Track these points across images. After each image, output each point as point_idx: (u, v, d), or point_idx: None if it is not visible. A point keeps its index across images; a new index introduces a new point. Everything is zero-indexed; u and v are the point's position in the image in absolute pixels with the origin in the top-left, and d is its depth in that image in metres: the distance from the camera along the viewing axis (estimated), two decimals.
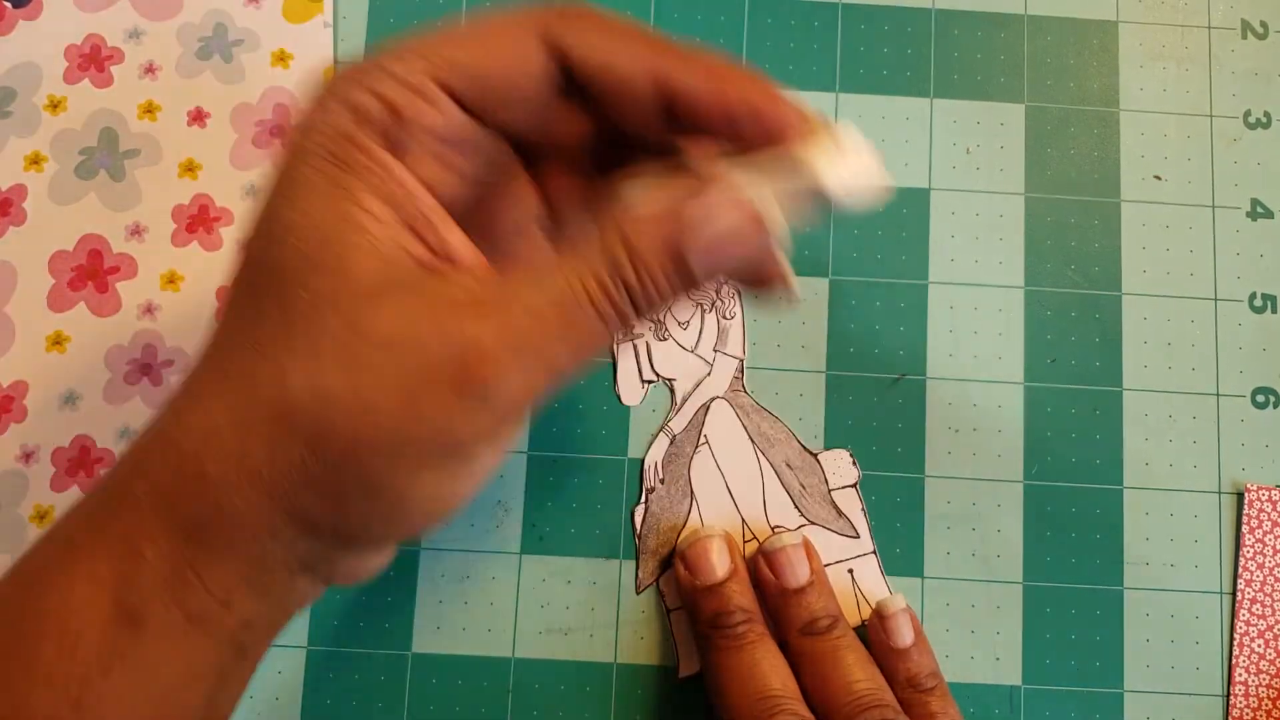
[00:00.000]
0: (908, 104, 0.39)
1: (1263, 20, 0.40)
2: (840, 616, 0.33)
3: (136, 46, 0.38)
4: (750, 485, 0.37)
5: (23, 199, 0.36)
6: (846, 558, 0.36)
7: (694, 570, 0.34)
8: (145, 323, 0.36)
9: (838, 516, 0.36)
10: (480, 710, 0.35)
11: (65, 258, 0.36)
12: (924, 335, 0.38)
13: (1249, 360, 0.38)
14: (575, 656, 0.36)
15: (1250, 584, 0.36)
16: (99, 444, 0.35)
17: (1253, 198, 0.39)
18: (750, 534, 0.36)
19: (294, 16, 0.38)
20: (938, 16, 0.40)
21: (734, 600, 0.33)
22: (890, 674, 0.33)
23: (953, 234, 0.38)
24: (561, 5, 0.24)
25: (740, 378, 0.37)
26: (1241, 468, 0.37)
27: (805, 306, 0.38)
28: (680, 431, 0.37)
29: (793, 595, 0.33)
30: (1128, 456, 0.37)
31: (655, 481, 0.37)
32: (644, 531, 0.36)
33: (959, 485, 0.37)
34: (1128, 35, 0.40)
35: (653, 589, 0.36)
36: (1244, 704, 0.36)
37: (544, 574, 0.36)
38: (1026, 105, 0.39)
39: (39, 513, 0.35)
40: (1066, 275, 0.38)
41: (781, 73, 0.39)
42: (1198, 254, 0.38)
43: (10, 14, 0.38)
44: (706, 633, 0.33)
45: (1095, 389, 0.37)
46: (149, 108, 0.37)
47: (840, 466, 0.37)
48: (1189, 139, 0.39)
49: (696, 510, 0.36)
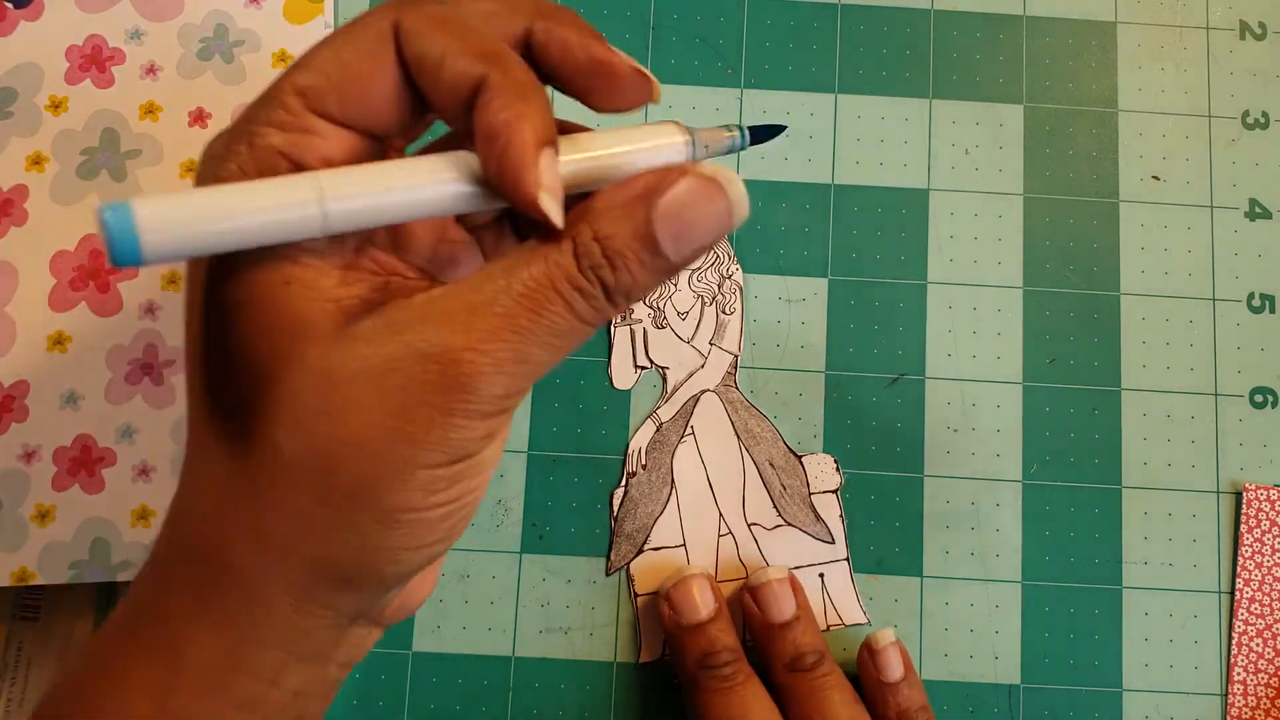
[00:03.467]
0: (907, 104, 0.39)
1: (1261, 21, 0.40)
2: (826, 653, 0.33)
3: (138, 47, 0.38)
4: (731, 480, 0.37)
5: (24, 199, 0.37)
6: (819, 562, 0.36)
7: (679, 610, 0.34)
8: (146, 323, 0.36)
9: (815, 520, 0.36)
10: (480, 709, 0.35)
11: (67, 257, 0.36)
12: (923, 335, 0.38)
13: (1247, 360, 0.38)
14: (575, 655, 0.36)
15: (1249, 583, 0.36)
16: (100, 443, 0.35)
17: (1251, 198, 0.39)
18: (726, 528, 0.36)
19: (295, 17, 0.38)
20: (937, 17, 0.40)
21: (720, 640, 0.33)
22: (880, 708, 0.33)
23: (952, 234, 0.38)
24: (404, 2, 0.23)
25: (733, 373, 0.37)
26: (1240, 467, 0.37)
27: (805, 306, 0.38)
28: (668, 420, 0.37)
29: (779, 630, 0.33)
30: (1126, 456, 0.37)
31: (637, 466, 0.37)
32: (620, 515, 0.36)
33: (958, 485, 0.37)
34: (1126, 36, 0.40)
35: (622, 573, 0.36)
36: (1243, 703, 0.36)
37: (544, 573, 0.36)
38: (1025, 106, 0.39)
39: (40, 512, 0.35)
40: (1065, 275, 0.38)
41: (781, 73, 0.39)
42: (1196, 254, 0.38)
43: (11, 14, 0.38)
44: (694, 673, 0.33)
45: (1094, 389, 0.37)
46: (150, 108, 0.37)
47: (823, 471, 0.37)
48: (1187, 139, 0.39)
49: (675, 499, 0.36)
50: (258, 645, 0.22)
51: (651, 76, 0.24)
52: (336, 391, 0.21)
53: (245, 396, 0.21)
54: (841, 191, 0.39)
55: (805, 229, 0.38)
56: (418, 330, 0.21)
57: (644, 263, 0.22)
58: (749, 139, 0.26)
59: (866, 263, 0.38)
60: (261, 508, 0.21)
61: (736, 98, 0.39)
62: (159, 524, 0.35)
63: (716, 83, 0.39)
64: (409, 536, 0.22)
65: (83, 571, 0.34)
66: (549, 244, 0.21)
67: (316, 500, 0.21)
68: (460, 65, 0.21)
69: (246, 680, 0.22)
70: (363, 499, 0.21)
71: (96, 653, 0.23)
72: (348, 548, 0.22)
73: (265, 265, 0.21)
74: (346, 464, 0.21)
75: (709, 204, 0.22)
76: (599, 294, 0.22)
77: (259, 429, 0.21)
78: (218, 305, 0.22)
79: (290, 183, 0.20)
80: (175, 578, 0.23)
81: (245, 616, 0.22)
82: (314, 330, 0.21)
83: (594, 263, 0.21)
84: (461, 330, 0.21)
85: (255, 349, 0.21)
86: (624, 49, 0.39)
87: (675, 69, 0.39)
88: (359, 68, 0.22)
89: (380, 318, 0.21)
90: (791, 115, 0.39)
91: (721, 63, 0.39)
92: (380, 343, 0.21)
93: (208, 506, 0.22)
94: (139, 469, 0.35)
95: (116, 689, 0.22)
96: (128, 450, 0.35)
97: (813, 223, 0.38)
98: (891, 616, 0.36)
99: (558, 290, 0.21)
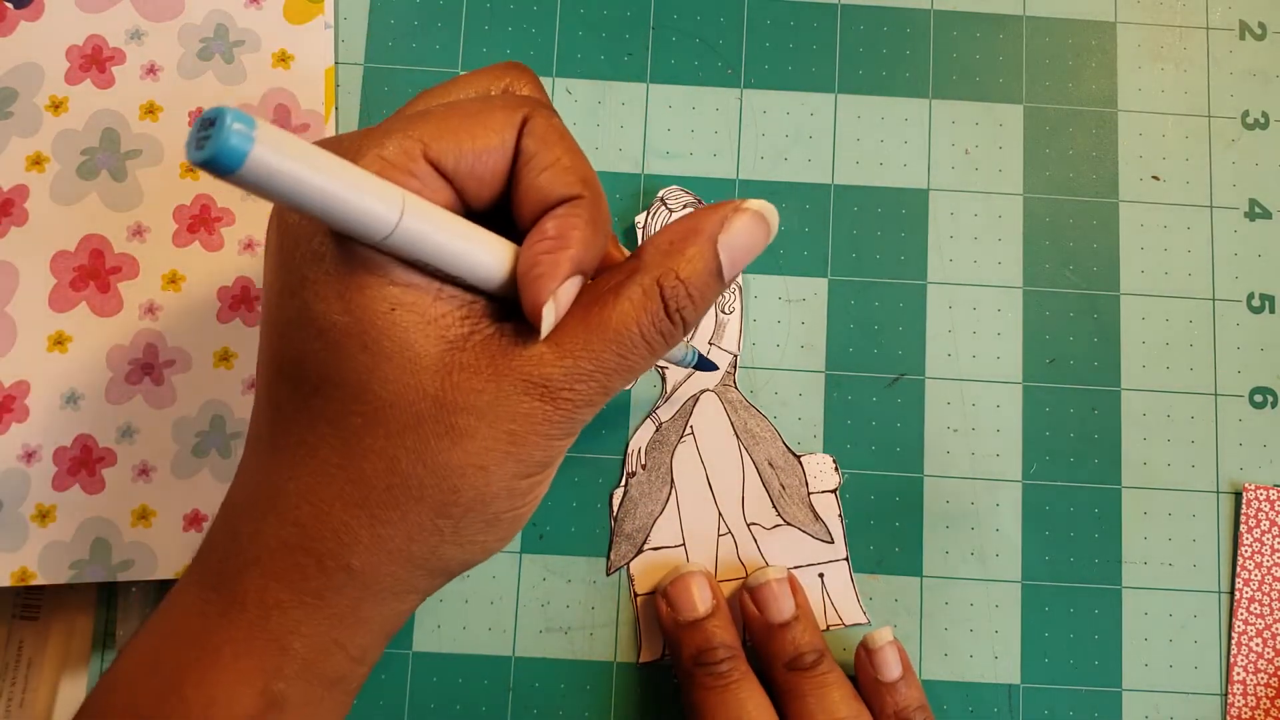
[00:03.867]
0: (906, 105, 0.39)
1: (1261, 21, 0.40)
2: (826, 652, 0.34)
3: (138, 47, 0.38)
4: (731, 480, 0.37)
5: (24, 199, 0.37)
6: (818, 561, 0.36)
7: (676, 607, 0.34)
8: (147, 323, 0.36)
9: (814, 520, 0.36)
10: (480, 708, 0.35)
11: (67, 258, 0.36)
12: (923, 335, 0.38)
13: (1247, 360, 0.38)
14: (575, 655, 0.36)
15: (1248, 583, 0.36)
16: (100, 443, 0.35)
17: (1250, 198, 0.39)
18: (725, 528, 0.36)
19: (295, 17, 0.38)
20: (936, 17, 0.40)
21: (717, 637, 0.33)
22: (879, 707, 0.33)
23: (951, 234, 0.38)
24: (537, 100, 0.26)
25: (732, 373, 0.37)
26: (1239, 467, 0.37)
27: (805, 306, 0.38)
28: (667, 420, 0.37)
29: (778, 630, 0.33)
30: (1126, 456, 0.37)
31: (636, 466, 0.37)
32: (620, 515, 0.36)
33: (957, 485, 0.37)
34: (1126, 36, 0.40)
35: (622, 573, 0.36)
36: (1242, 703, 0.36)
37: (544, 573, 0.36)
38: (1025, 106, 0.39)
39: (40, 512, 0.35)
40: (1065, 275, 0.38)
41: (781, 73, 0.39)
42: (1196, 254, 0.38)
43: (12, 15, 0.38)
44: (690, 670, 0.33)
45: (1093, 389, 0.37)
46: (150, 108, 0.37)
47: (822, 471, 0.37)
48: (1187, 139, 0.39)
49: (675, 499, 0.36)
50: (360, 629, 0.25)
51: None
52: (455, 420, 0.24)
53: (357, 424, 0.24)
54: (841, 191, 0.39)
55: (805, 229, 0.38)
56: (521, 370, 0.24)
57: (714, 293, 0.26)
58: (696, 359, 0.34)
59: (866, 263, 0.38)
60: (379, 521, 0.24)
61: (736, 98, 0.39)
62: (159, 523, 0.35)
63: (716, 83, 0.39)
64: (505, 532, 0.26)
65: (83, 571, 0.34)
66: (632, 289, 0.25)
67: (436, 513, 0.24)
68: (565, 178, 0.25)
69: (340, 660, 0.25)
70: (476, 509, 0.25)
71: (193, 636, 0.25)
72: (456, 548, 0.25)
73: (370, 288, 0.23)
74: (468, 483, 0.24)
75: (762, 234, 0.26)
76: (680, 331, 0.25)
77: (372, 448, 0.24)
78: (315, 325, 0.23)
79: (383, 184, 0.22)
80: (287, 575, 0.24)
81: (356, 609, 0.25)
82: (423, 359, 0.23)
83: (680, 305, 0.25)
84: (560, 371, 0.24)
85: (359, 372, 0.23)
86: (624, 49, 0.40)
87: (675, 69, 0.39)
88: (486, 142, 0.24)
89: (484, 353, 0.24)
90: (791, 115, 0.39)
91: (721, 63, 0.39)
92: (491, 376, 0.24)
93: (314, 510, 0.24)
94: (139, 469, 0.35)
95: (216, 676, 0.24)
96: (128, 450, 0.35)
97: (813, 223, 0.38)
98: (891, 616, 0.36)
99: (644, 336, 0.25)
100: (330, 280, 0.23)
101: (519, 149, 0.25)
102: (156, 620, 0.26)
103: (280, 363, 0.24)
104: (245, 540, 0.25)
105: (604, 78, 0.39)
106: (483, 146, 0.24)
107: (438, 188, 0.24)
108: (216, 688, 0.24)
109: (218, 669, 0.24)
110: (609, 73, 0.39)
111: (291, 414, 0.24)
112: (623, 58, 0.39)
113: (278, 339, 0.24)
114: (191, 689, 0.24)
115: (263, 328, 0.26)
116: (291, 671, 0.24)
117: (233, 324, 0.36)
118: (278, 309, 0.24)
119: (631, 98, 0.39)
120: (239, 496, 0.26)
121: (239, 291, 0.36)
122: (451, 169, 0.24)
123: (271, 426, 0.25)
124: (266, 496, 0.25)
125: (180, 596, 0.26)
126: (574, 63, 0.39)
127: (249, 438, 0.26)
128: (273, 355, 0.25)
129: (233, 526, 0.25)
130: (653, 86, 0.39)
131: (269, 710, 0.24)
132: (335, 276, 0.23)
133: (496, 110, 0.25)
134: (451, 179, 0.24)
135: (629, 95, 0.39)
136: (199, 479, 0.35)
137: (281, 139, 0.19)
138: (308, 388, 0.24)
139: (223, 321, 0.36)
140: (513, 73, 0.28)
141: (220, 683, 0.24)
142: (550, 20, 0.39)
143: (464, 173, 0.24)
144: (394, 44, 0.39)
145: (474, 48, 0.39)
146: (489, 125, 0.24)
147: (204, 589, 0.25)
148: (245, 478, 0.26)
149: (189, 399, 0.36)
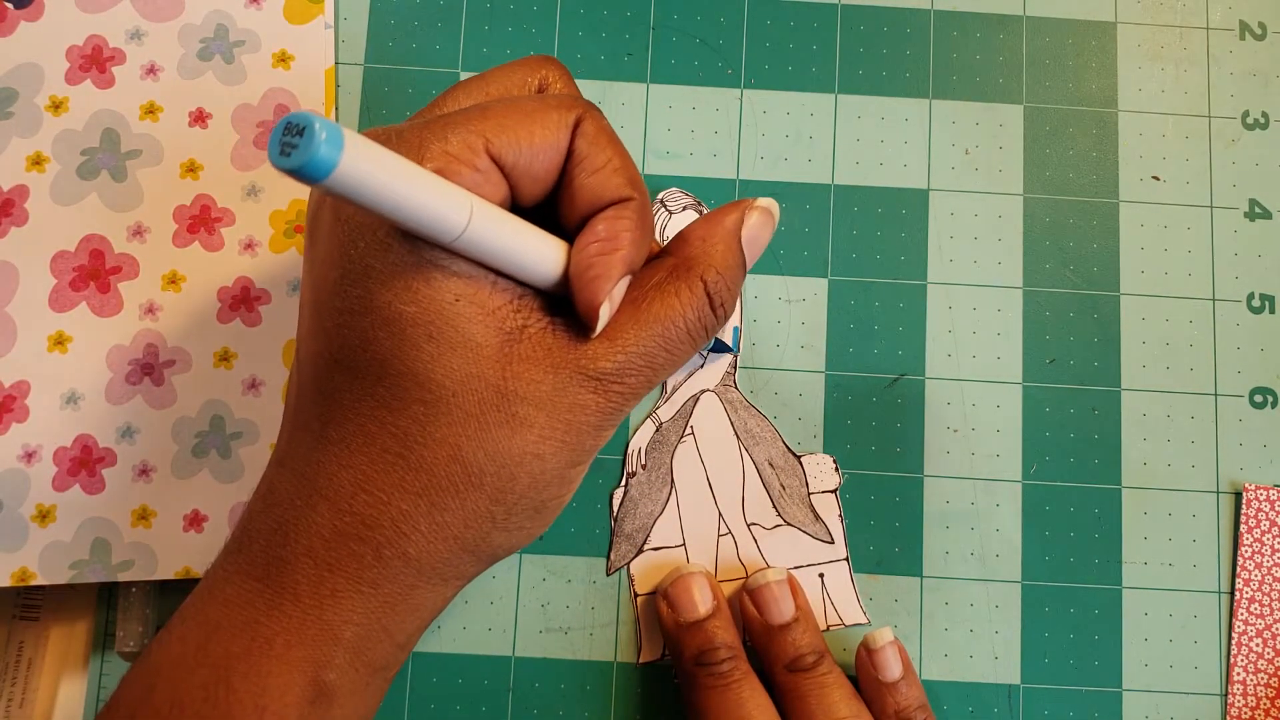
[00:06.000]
0: (906, 105, 0.39)
1: (1261, 21, 0.40)
2: (826, 652, 0.34)
3: (138, 47, 0.38)
4: (731, 480, 0.37)
5: (24, 199, 0.37)
6: (818, 562, 0.36)
7: (677, 607, 0.34)
8: (147, 323, 0.36)
9: (814, 520, 0.36)
10: (480, 709, 0.35)
11: (67, 258, 0.36)
12: (923, 335, 0.38)
13: (1247, 360, 0.38)
14: (575, 655, 0.36)
15: (1248, 583, 0.36)
16: (100, 444, 0.35)
17: (1251, 198, 0.39)
18: (725, 528, 0.36)
19: (295, 17, 0.38)
20: (936, 17, 0.40)
21: (718, 637, 0.33)
22: (879, 707, 0.33)
23: (951, 234, 0.38)
24: (586, 102, 0.27)
25: (732, 373, 0.37)
26: (1239, 467, 0.37)
27: (805, 306, 0.38)
28: (667, 420, 0.37)
29: (778, 631, 0.33)
30: (1126, 456, 0.37)
31: (636, 466, 0.37)
32: (620, 515, 0.36)
33: (957, 485, 0.37)
34: (1126, 36, 0.40)
35: (622, 573, 0.36)
36: (1242, 703, 0.36)
37: (544, 573, 0.36)
38: (1025, 106, 0.39)
39: (40, 512, 0.35)
40: (1065, 275, 0.38)
41: (781, 73, 0.39)
42: (1196, 254, 0.38)
43: (12, 15, 0.38)
44: (691, 671, 0.33)
45: (1093, 389, 0.37)
46: (150, 108, 0.37)
47: (823, 471, 0.37)
48: (1187, 140, 0.39)
49: (675, 499, 0.36)
50: (409, 619, 0.26)
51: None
52: (516, 409, 0.24)
53: (418, 412, 0.24)
54: (841, 191, 0.39)
55: (805, 229, 0.38)
56: (578, 363, 0.25)
57: (740, 285, 0.28)
58: (713, 343, 0.36)
59: (866, 263, 0.38)
60: (438, 508, 0.25)
61: (736, 98, 0.39)
62: (159, 524, 0.35)
63: (716, 83, 0.39)
64: (548, 519, 0.27)
65: (83, 571, 0.34)
66: (677, 285, 0.26)
67: (492, 500, 0.25)
68: (615, 180, 0.26)
69: (386, 646, 0.26)
70: (529, 496, 0.25)
71: (241, 627, 0.25)
72: (504, 534, 0.26)
73: (436, 280, 0.24)
74: (524, 470, 0.25)
75: (771, 228, 0.29)
76: (721, 322, 0.27)
77: (434, 435, 0.24)
78: (380, 314, 0.24)
79: (454, 190, 0.23)
80: (343, 565, 0.25)
81: (408, 597, 0.25)
82: (484, 350, 0.24)
83: (722, 298, 0.27)
84: (613, 365, 0.25)
85: (425, 361, 0.24)
86: (624, 49, 0.40)
87: (675, 69, 0.39)
88: (545, 140, 0.25)
89: (541, 345, 0.25)
90: (791, 115, 0.39)
91: (721, 63, 0.39)
92: (549, 368, 0.25)
93: (371, 499, 0.25)
94: (139, 469, 0.35)
95: (267, 666, 0.24)
96: (128, 450, 0.35)
97: (813, 223, 0.38)
98: (891, 616, 0.36)
99: (689, 329, 0.26)
100: (397, 271, 0.23)
101: (571, 149, 0.26)
102: (194, 612, 0.26)
103: (338, 352, 0.25)
104: (295, 531, 0.25)
105: (604, 78, 0.39)
106: (540, 144, 0.25)
107: (496, 182, 0.25)
108: (269, 678, 0.24)
109: (269, 659, 0.24)
110: (609, 73, 0.39)
111: (350, 403, 0.25)
112: (623, 58, 0.39)
113: (335, 328, 0.24)
114: (240, 679, 0.24)
115: (312, 318, 0.26)
116: (342, 660, 0.25)
117: (233, 324, 0.36)
118: (337, 297, 0.24)
119: (631, 98, 0.39)
120: (283, 487, 0.26)
121: (239, 292, 0.36)
122: (510, 165, 0.25)
123: (323, 416, 0.25)
124: (317, 487, 0.25)
125: (222, 589, 0.25)
126: (574, 63, 0.39)
127: (288, 428, 0.26)
128: (328, 344, 0.25)
129: (278, 517, 0.25)
130: (653, 86, 0.39)
131: (319, 699, 0.24)
132: (402, 268, 0.23)
133: (552, 110, 0.25)
134: (509, 174, 0.25)
135: (629, 95, 0.39)
136: (199, 479, 0.35)
137: (364, 148, 0.19)
138: (370, 377, 0.24)
139: (223, 322, 0.36)
140: (546, 67, 0.28)
141: (272, 672, 0.24)
142: (550, 20, 0.39)
143: (521, 169, 0.25)
144: (394, 44, 0.39)
145: (474, 48, 0.39)
146: (546, 124, 0.25)
147: (249, 579, 0.25)
148: (289, 468, 0.26)
149: (189, 399, 0.36)
